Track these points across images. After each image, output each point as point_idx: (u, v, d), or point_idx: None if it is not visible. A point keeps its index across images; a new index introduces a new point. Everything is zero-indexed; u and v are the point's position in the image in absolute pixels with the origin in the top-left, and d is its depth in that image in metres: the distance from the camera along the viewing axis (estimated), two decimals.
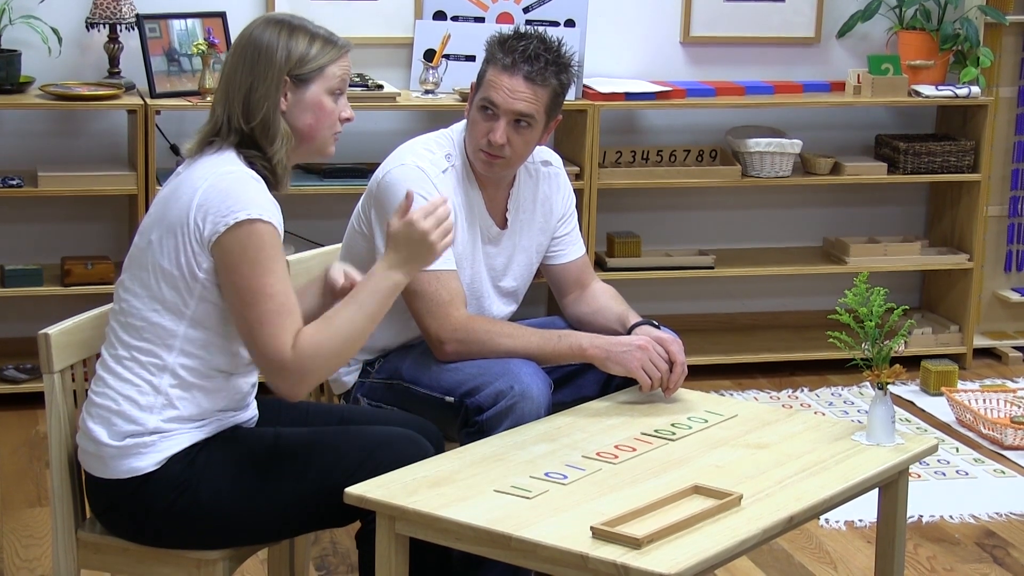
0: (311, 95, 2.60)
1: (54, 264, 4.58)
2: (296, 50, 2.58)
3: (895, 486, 2.83)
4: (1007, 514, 3.97)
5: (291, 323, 2.49)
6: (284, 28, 2.60)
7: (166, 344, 2.55)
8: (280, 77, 2.57)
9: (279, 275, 2.50)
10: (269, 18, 2.65)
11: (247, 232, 2.47)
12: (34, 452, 4.19)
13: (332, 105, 2.63)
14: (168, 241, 2.53)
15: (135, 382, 2.56)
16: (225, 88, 2.60)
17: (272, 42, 2.58)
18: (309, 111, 2.61)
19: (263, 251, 2.48)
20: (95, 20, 4.51)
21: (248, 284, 2.47)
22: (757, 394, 4.86)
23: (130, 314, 2.57)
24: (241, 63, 2.59)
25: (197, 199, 2.51)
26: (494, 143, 2.98)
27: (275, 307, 2.48)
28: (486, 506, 2.43)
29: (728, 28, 5.11)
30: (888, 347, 2.81)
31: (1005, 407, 4.64)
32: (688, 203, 5.21)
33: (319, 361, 2.50)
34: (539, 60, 2.98)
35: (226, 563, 2.61)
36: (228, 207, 2.48)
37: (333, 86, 2.62)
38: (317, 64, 2.59)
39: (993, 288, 5.40)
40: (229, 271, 2.49)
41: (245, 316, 2.49)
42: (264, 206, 2.50)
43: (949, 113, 5.25)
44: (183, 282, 2.53)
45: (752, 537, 2.38)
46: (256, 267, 2.47)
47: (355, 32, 4.80)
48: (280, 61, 2.57)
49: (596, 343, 2.98)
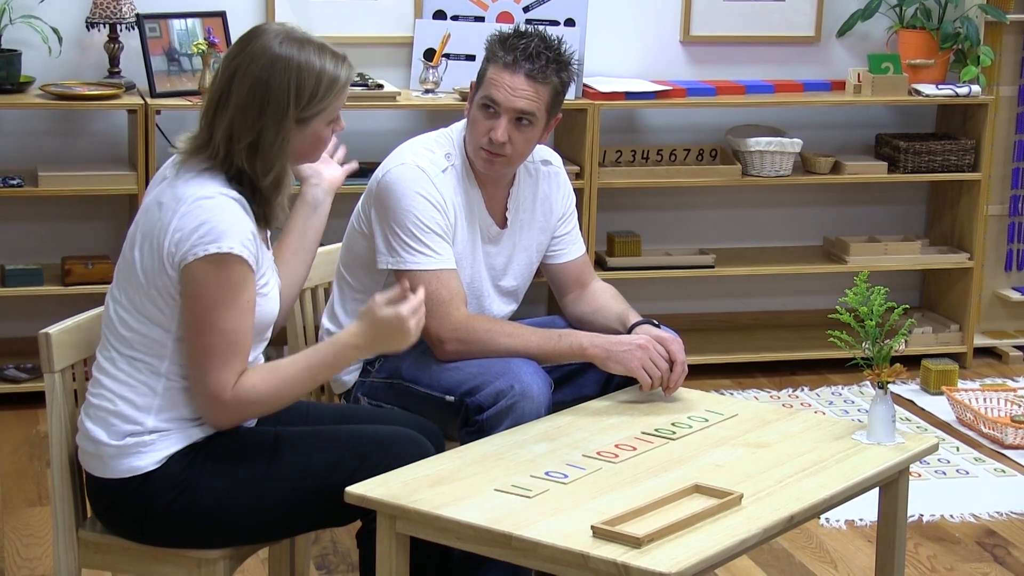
0: (313, 130, 2.60)
1: (54, 264, 4.58)
2: (304, 93, 2.54)
3: (895, 485, 2.83)
4: (1008, 513, 3.97)
5: (237, 362, 2.50)
6: (293, 66, 2.53)
7: (158, 354, 2.55)
8: (289, 123, 2.55)
9: (237, 311, 2.49)
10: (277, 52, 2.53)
11: (215, 265, 2.46)
12: (35, 451, 4.19)
13: (328, 132, 2.64)
14: (149, 261, 2.52)
15: (131, 383, 2.56)
16: (230, 120, 2.53)
17: (283, 87, 2.52)
18: (308, 141, 2.61)
19: (226, 286, 2.47)
20: (95, 20, 4.51)
21: (204, 314, 2.48)
22: (757, 393, 4.86)
23: (121, 324, 2.57)
24: (250, 105, 2.52)
25: (175, 223, 2.49)
26: (496, 141, 2.98)
27: (224, 343, 2.49)
28: (486, 505, 2.43)
29: (728, 27, 5.11)
30: (888, 346, 2.81)
31: (1005, 406, 4.64)
32: (688, 202, 5.21)
33: (253, 408, 2.56)
34: (540, 58, 2.98)
35: (227, 562, 2.61)
36: (200, 237, 2.46)
37: (334, 116, 2.63)
38: (321, 107, 2.57)
39: (993, 287, 5.40)
40: (190, 297, 2.50)
41: (194, 343, 2.51)
42: (239, 239, 2.48)
43: (949, 112, 5.25)
44: (163, 300, 2.53)
45: (752, 536, 2.38)
46: (215, 300, 2.47)
47: (355, 31, 4.80)
48: (291, 110, 2.53)
49: (596, 342, 2.98)
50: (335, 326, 3.14)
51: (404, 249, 2.97)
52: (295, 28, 2.62)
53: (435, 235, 2.98)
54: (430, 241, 2.97)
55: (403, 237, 2.97)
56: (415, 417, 2.86)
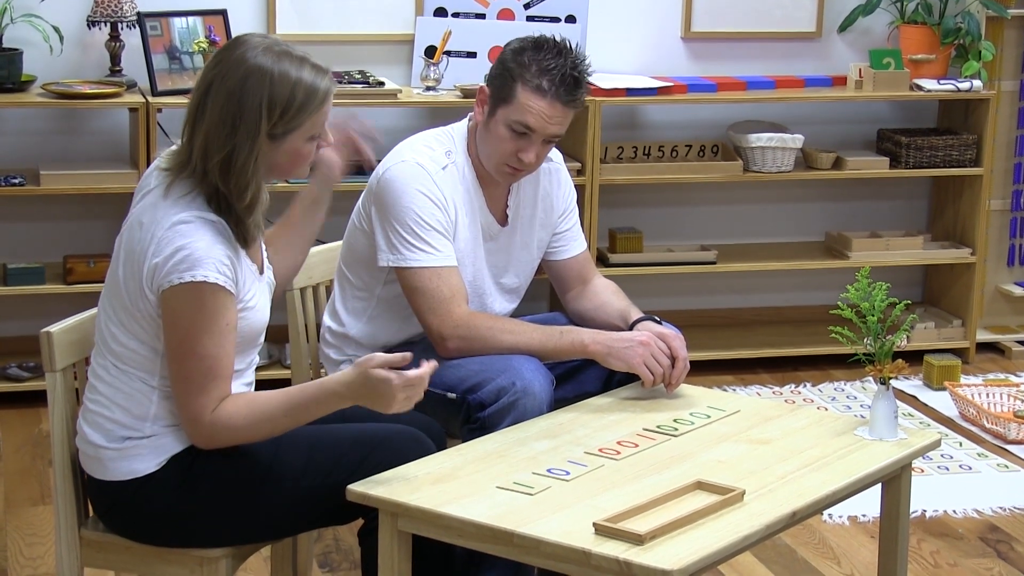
0: (290, 145, 2.54)
1: (56, 262, 4.58)
2: (277, 108, 2.48)
3: (898, 481, 2.82)
4: (1011, 508, 3.97)
5: (215, 388, 2.49)
6: (267, 79, 2.47)
7: (148, 369, 2.55)
8: (261, 140, 2.49)
9: (216, 337, 2.47)
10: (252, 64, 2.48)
11: (191, 293, 2.45)
12: (37, 450, 4.20)
13: (309, 149, 2.57)
14: (132, 283, 2.51)
15: (126, 391, 2.56)
16: (204, 137, 2.49)
17: (255, 102, 2.46)
18: (286, 156, 2.56)
19: (202, 312, 2.46)
20: (96, 18, 4.51)
21: (182, 340, 2.47)
22: (760, 389, 4.86)
23: (111, 339, 2.56)
24: (222, 121, 2.47)
25: (152, 248, 2.47)
26: (528, 163, 2.99)
27: (203, 368, 2.47)
28: (488, 503, 2.43)
29: (729, 23, 5.11)
30: (890, 342, 2.81)
31: (1008, 401, 4.64)
32: (690, 198, 5.21)
33: (229, 437, 2.52)
34: (576, 85, 2.96)
35: (229, 561, 2.61)
36: (175, 264, 2.45)
37: (313, 133, 2.56)
38: (295, 124, 2.51)
39: (996, 282, 5.39)
40: (168, 323, 2.49)
41: (175, 368, 2.50)
42: (214, 266, 2.45)
43: (951, 107, 5.25)
44: (146, 321, 2.52)
45: (755, 533, 2.38)
46: (192, 326, 2.46)
47: (356, 29, 4.80)
48: (263, 124, 2.47)
49: (598, 339, 2.98)
50: (336, 324, 3.14)
51: (405, 246, 2.97)
52: (278, 41, 2.55)
53: (436, 232, 2.98)
54: (431, 238, 2.97)
55: (403, 234, 2.97)
56: (417, 415, 2.85)
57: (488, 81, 3.04)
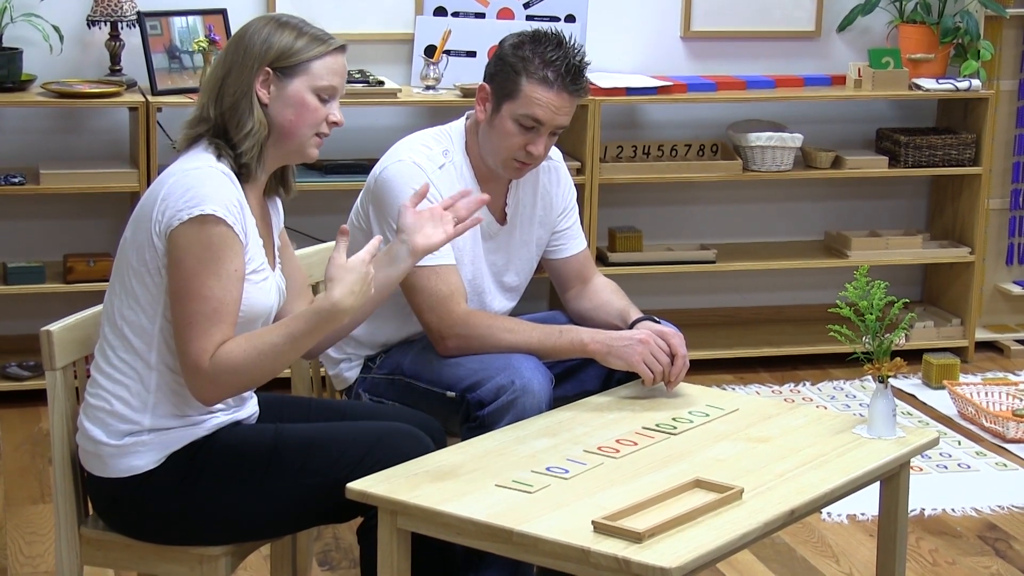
0: (294, 90, 2.58)
1: (56, 261, 4.58)
2: (279, 42, 2.58)
3: (896, 479, 2.83)
4: (1009, 507, 3.97)
5: (218, 331, 2.47)
6: (273, 22, 2.61)
7: (146, 343, 2.55)
8: (257, 66, 2.56)
9: (221, 278, 2.47)
10: (264, 15, 2.66)
11: (198, 228, 2.46)
12: (37, 449, 4.20)
13: (317, 104, 2.60)
14: (137, 236, 2.53)
15: (125, 382, 2.56)
16: (208, 79, 2.62)
17: (256, 34, 2.59)
18: (291, 107, 2.58)
19: (209, 250, 2.46)
20: (96, 18, 4.51)
21: (187, 281, 2.47)
22: (759, 388, 4.86)
23: (113, 313, 2.57)
24: (224, 54, 2.61)
25: (163, 192, 2.51)
26: (537, 156, 2.99)
27: (206, 311, 2.46)
28: (488, 501, 2.43)
29: (729, 22, 5.11)
30: (889, 340, 2.82)
31: (1007, 400, 4.64)
32: (689, 197, 5.21)
33: (232, 379, 2.49)
34: (579, 74, 2.99)
35: (228, 559, 2.62)
36: (185, 201, 2.47)
37: (320, 85, 2.59)
38: (301, 58, 2.58)
39: (995, 281, 5.40)
40: (174, 264, 2.48)
41: (177, 312, 2.49)
42: (222, 204, 2.48)
43: (950, 106, 5.25)
44: (150, 277, 2.52)
45: (753, 531, 2.38)
46: (199, 265, 2.46)
47: (356, 28, 4.80)
48: (259, 51, 2.57)
49: (597, 338, 2.98)
50: None
51: None
52: (290, 15, 2.65)
53: None
54: None
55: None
56: (416, 413, 2.86)
57: (488, 78, 3.04)
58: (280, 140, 2.61)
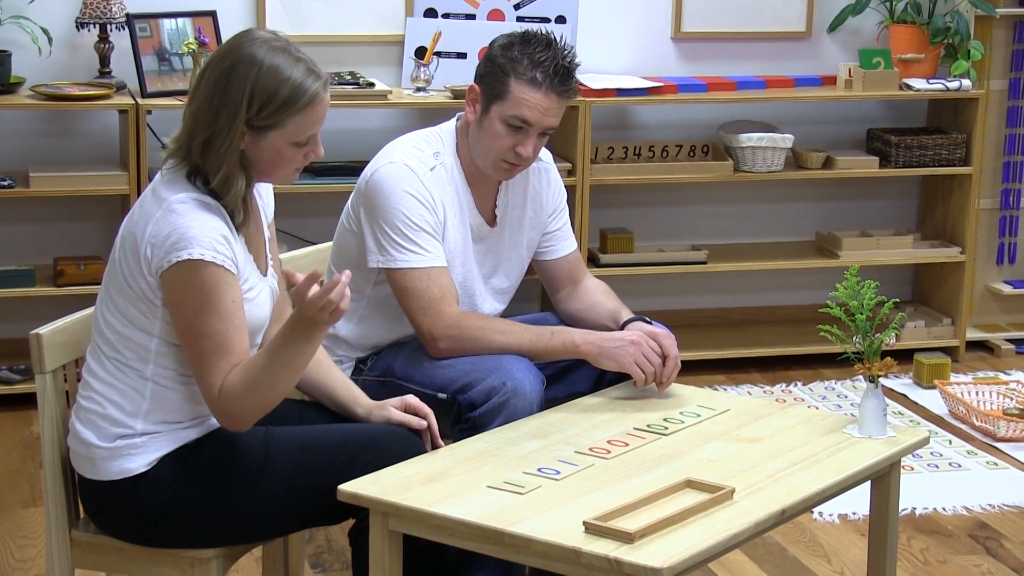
0: (269, 143, 2.53)
1: (47, 264, 4.57)
2: (258, 98, 2.48)
3: (887, 479, 2.83)
4: (1000, 506, 3.98)
5: (225, 363, 2.48)
6: (255, 69, 2.48)
7: (142, 358, 2.55)
8: (234, 121, 2.49)
9: (221, 313, 2.47)
10: (247, 52, 2.50)
11: (188, 272, 2.45)
12: (28, 452, 4.19)
13: (292, 153, 2.54)
14: (129, 265, 2.52)
15: (119, 387, 2.56)
16: (192, 117, 2.53)
17: (239, 89, 2.48)
18: (265, 155, 2.54)
19: (203, 292, 2.46)
20: (85, 20, 4.51)
21: (189, 320, 2.48)
22: (751, 388, 4.86)
23: (107, 327, 2.57)
24: (208, 104, 2.50)
25: (149, 229, 2.48)
26: (526, 157, 2.99)
27: (211, 347, 2.48)
28: (479, 502, 2.43)
29: (719, 23, 5.11)
30: (879, 340, 2.82)
31: (998, 399, 4.65)
32: (680, 198, 5.22)
33: (238, 408, 2.50)
34: (568, 75, 2.98)
35: (220, 561, 2.61)
36: (172, 244, 2.45)
37: (297, 140, 2.53)
38: (277, 118, 2.50)
39: (985, 281, 5.41)
40: (173, 305, 2.49)
41: (187, 350, 2.51)
42: (209, 246, 2.46)
43: (940, 106, 5.26)
44: (144, 304, 2.52)
45: (744, 531, 2.38)
46: (197, 306, 2.47)
47: (346, 30, 4.80)
48: (237, 103, 2.48)
49: (589, 339, 2.98)
50: None
51: (394, 248, 2.97)
52: (280, 37, 2.55)
53: (424, 233, 2.98)
54: (419, 239, 2.97)
55: (392, 236, 2.97)
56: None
57: (478, 79, 3.04)
58: (259, 175, 2.59)
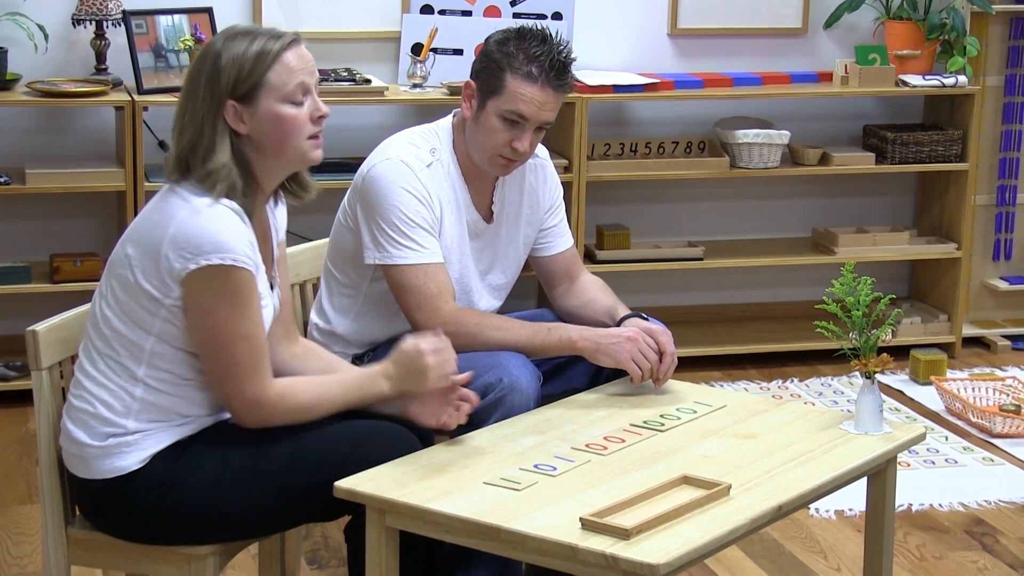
0: (264, 109, 2.51)
1: (43, 261, 4.57)
2: (228, 72, 2.49)
3: (883, 475, 2.83)
4: (996, 502, 3.98)
5: (266, 366, 2.53)
6: (213, 53, 2.50)
7: (134, 356, 2.54)
8: (217, 104, 2.49)
9: (253, 317, 2.50)
10: (214, 39, 2.55)
11: (222, 277, 2.46)
12: (24, 449, 4.19)
13: (293, 112, 2.53)
14: (141, 261, 2.51)
15: (109, 387, 2.55)
16: (177, 121, 2.55)
17: (205, 71, 2.50)
18: (269, 124, 2.52)
19: (237, 296, 2.47)
20: (81, 16, 4.50)
21: (222, 326, 2.48)
22: (747, 385, 4.86)
23: (103, 321, 2.56)
24: (185, 97, 2.53)
25: (172, 229, 2.47)
26: (522, 152, 2.99)
27: (250, 349, 2.50)
28: (475, 498, 2.43)
29: (715, 20, 5.11)
30: (876, 336, 2.82)
31: (994, 395, 4.65)
32: (677, 195, 5.22)
33: (290, 414, 2.57)
34: (564, 70, 2.98)
35: (216, 558, 2.61)
36: (202, 247, 2.45)
37: (287, 93, 2.52)
38: (255, 77, 2.49)
39: (981, 277, 5.41)
40: (202, 312, 2.48)
41: (219, 357, 2.51)
42: (240, 251, 2.47)
43: (936, 103, 5.26)
44: (150, 302, 2.51)
45: (741, 527, 2.38)
46: (230, 311, 2.47)
47: (342, 27, 4.80)
48: (210, 91, 2.49)
49: (586, 335, 2.98)
50: (323, 321, 3.14)
51: (390, 244, 2.97)
52: (239, 25, 2.59)
53: (421, 229, 2.98)
54: (416, 235, 2.97)
55: (389, 232, 2.97)
56: None
57: (474, 75, 3.04)
58: (276, 157, 2.57)
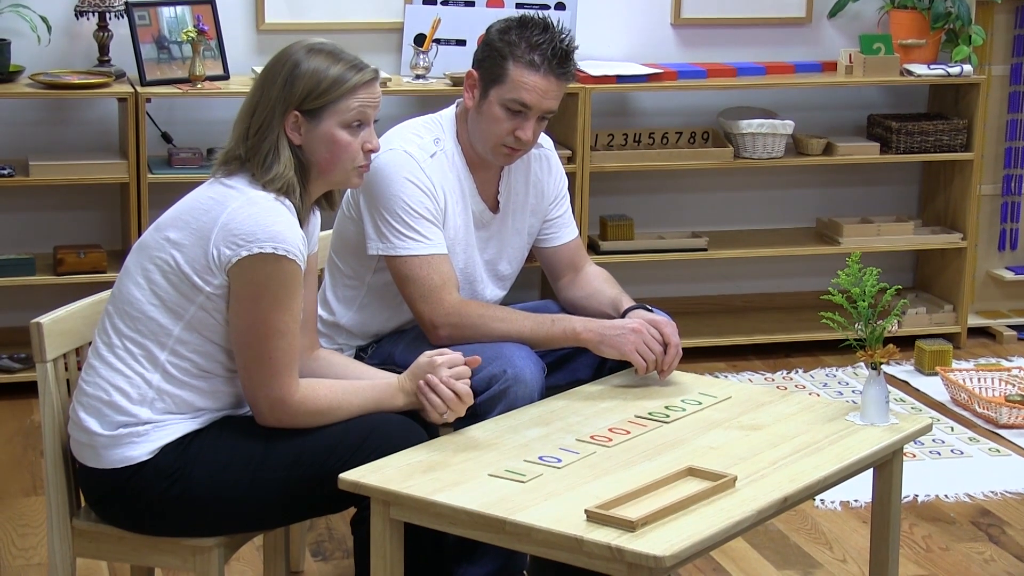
0: (323, 129, 2.57)
1: (47, 253, 4.57)
2: (305, 84, 2.54)
3: (889, 466, 2.83)
4: (1002, 492, 3.98)
5: (296, 367, 2.54)
6: (302, 55, 2.56)
7: (159, 341, 2.54)
8: (282, 109, 2.54)
9: (293, 314, 2.51)
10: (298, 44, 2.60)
11: (274, 265, 2.47)
12: (29, 441, 4.19)
13: (348, 139, 2.58)
14: (186, 246, 2.51)
15: (126, 373, 2.55)
16: (239, 114, 2.60)
17: (282, 77, 2.56)
18: (323, 145, 2.58)
19: (285, 287, 2.48)
20: (84, 8, 4.50)
21: (265, 318, 2.48)
22: (752, 376, 4.86)
23: (128, 303, 2.56)
24: (252, 90, 2.60)
25: (224, 217, 2.49)
26: (526, 141, 2.99)
27: (284, 346, 2.51)
28: (480, 490, 2.43)
29: (719, 9, 5.10)
30: (881, 327, 2.81)
31: (1000, 386, 4.65)
32: (681, 185, 5.21)
33: (311, 417, 2.58)
34: (566, 58, 2.98)
35: (221, 550, 2.61)
36: (254, 235, 2.47)
37: (348, 119, 2.57)
38: (327, 99, 2.55)
39: (987, 267, 5.40)
40: (247, 300, 2.49)
41: (254, 350, 2.51)
42: (295, 244, 2.49)
43: (941, 92, 5.25)
44: (187, 287, 2.52)
45: (746, 519, 2.38)
46: (275, 301, 2.48)
47: (345, 17, 4.79)
48: (284, 93, 2.54)
49: (590, 327, 2.98)
50: (327, 312, 3.14)
51: (394, 235, 2.96)
52: (326, 42, 2.62)
53: (424, 220, 2.97)
54: (420, 226, 2.96)
55: (392, 223, 2.96)
56: None
57: (476, 64, 3.04)
58: (321, 175, 2.62)
